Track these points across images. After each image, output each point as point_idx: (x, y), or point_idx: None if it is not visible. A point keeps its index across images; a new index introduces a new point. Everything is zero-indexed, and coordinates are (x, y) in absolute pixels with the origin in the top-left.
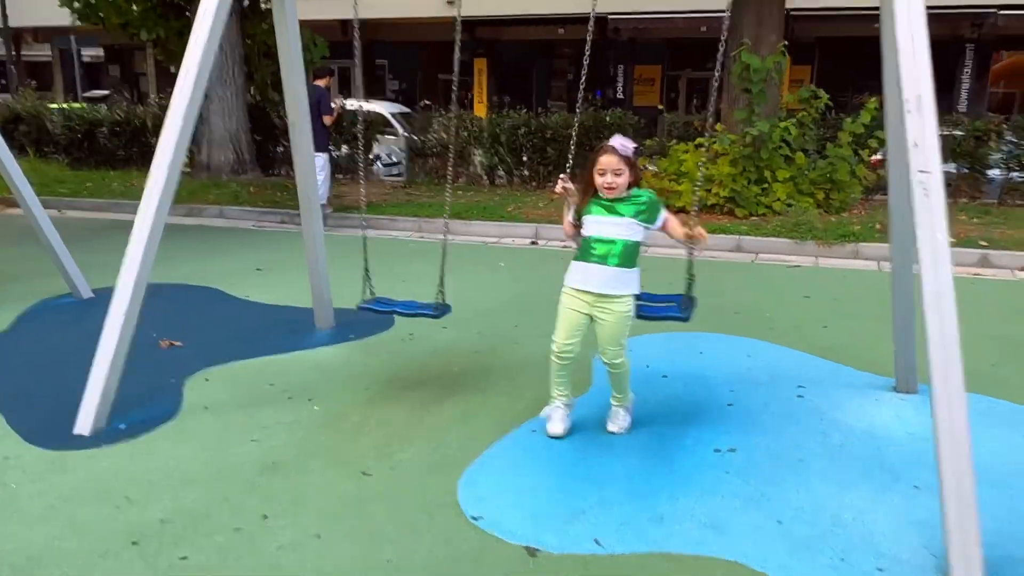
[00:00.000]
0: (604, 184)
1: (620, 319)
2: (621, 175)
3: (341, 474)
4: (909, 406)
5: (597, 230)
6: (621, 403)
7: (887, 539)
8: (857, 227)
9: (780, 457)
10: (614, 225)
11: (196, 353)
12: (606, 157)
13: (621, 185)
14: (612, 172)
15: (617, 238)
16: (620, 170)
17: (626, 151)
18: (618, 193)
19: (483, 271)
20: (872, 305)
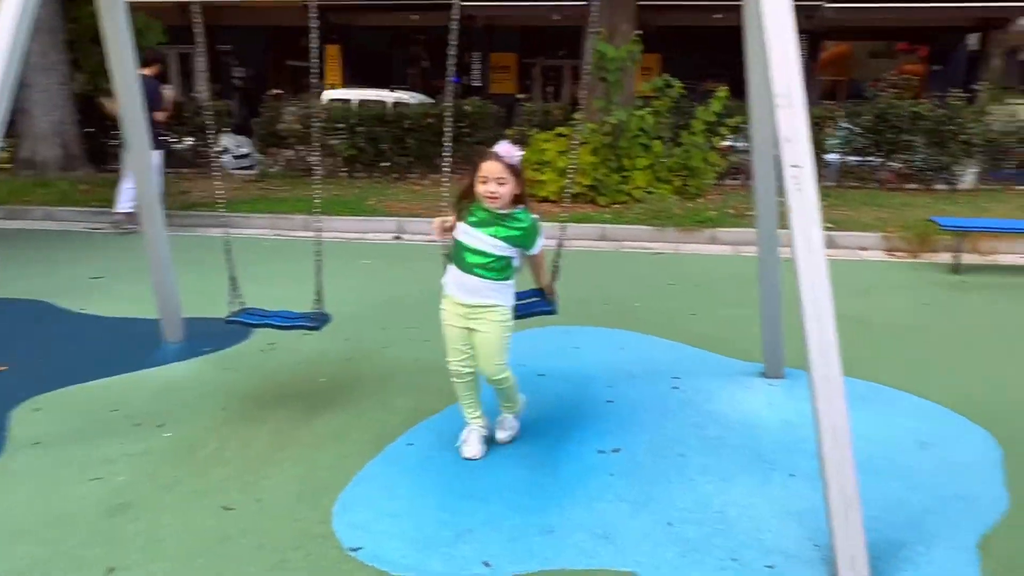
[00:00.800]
0: (486, 193)
1: (497, 330)
2: (505, 184)
3: (199, 510)
4: (779, 392)
5: (468, 240)
6: (511, 410)
7: (772, 533)
8: (713, 212)
9: (662, 454)
10: (485, 244)
11: (23, 378)
12: (489, 164)
13: (504, 195)
14: (495, 181)
15: (490, 252)
16: (504, 179)
17: (512, 159)
18: (500, 204)
19: (346, 270)
20: (733, 291)
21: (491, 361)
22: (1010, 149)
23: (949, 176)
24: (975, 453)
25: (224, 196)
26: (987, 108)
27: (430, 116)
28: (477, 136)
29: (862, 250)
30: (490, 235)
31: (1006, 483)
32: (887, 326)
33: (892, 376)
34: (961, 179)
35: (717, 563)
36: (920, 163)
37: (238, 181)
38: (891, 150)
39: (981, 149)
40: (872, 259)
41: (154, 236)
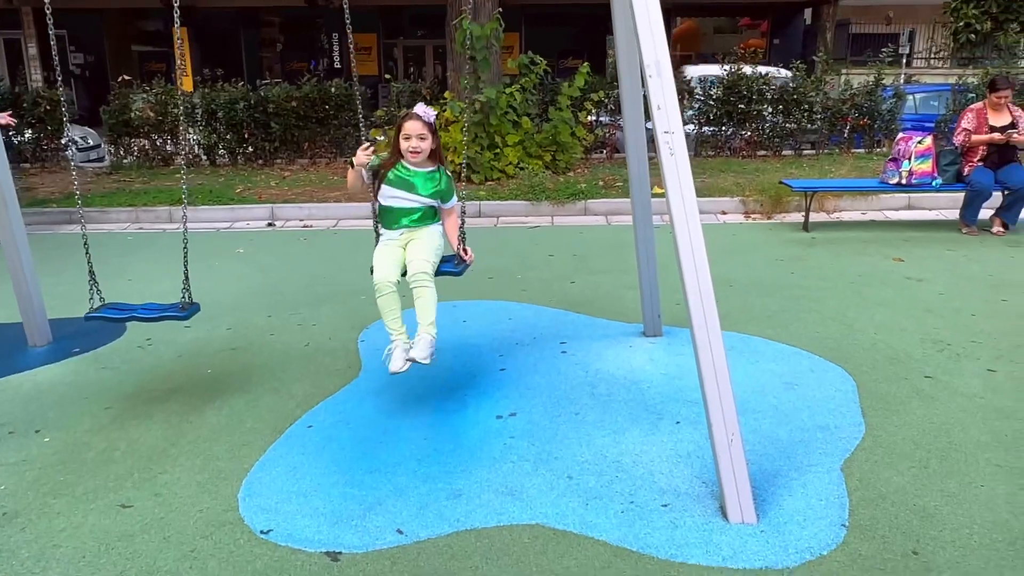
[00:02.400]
0: (409, 148)
1: (433, 236)
2: (425, 140)
3: (94, 512)
4: (659, 348)
5: (395, 202)
6: (429, 329)
7: (665, 475)
8: (583, 185)
9: (558, 414)
10: (411, 200)
11: None
12: (411, 123)
13: (425, 150)
14: (417, 137)
15: (415, 206)
16: (424, 135)
17: (428, 117)
18: (421, 158)
19: (221, 260)
20: (608, 258)
21: (423, 257)
22: (845, 116)
23: (795, 142)
24: (833, 388)
25: (74, 191)
26: (823, 78)
27: (293, 99)
28: (342, 118)
29: (722, 214)
30: (414, 194)
31: (862, 412)
32: (749, 282)
33: (757, 327)
34: (805, 144)
35: (617, 507)
36: (769, 131)
37: (89, 175)
38: (742, 119)
39: (821, 116)
40: (732, 222)
41: (11, 235)
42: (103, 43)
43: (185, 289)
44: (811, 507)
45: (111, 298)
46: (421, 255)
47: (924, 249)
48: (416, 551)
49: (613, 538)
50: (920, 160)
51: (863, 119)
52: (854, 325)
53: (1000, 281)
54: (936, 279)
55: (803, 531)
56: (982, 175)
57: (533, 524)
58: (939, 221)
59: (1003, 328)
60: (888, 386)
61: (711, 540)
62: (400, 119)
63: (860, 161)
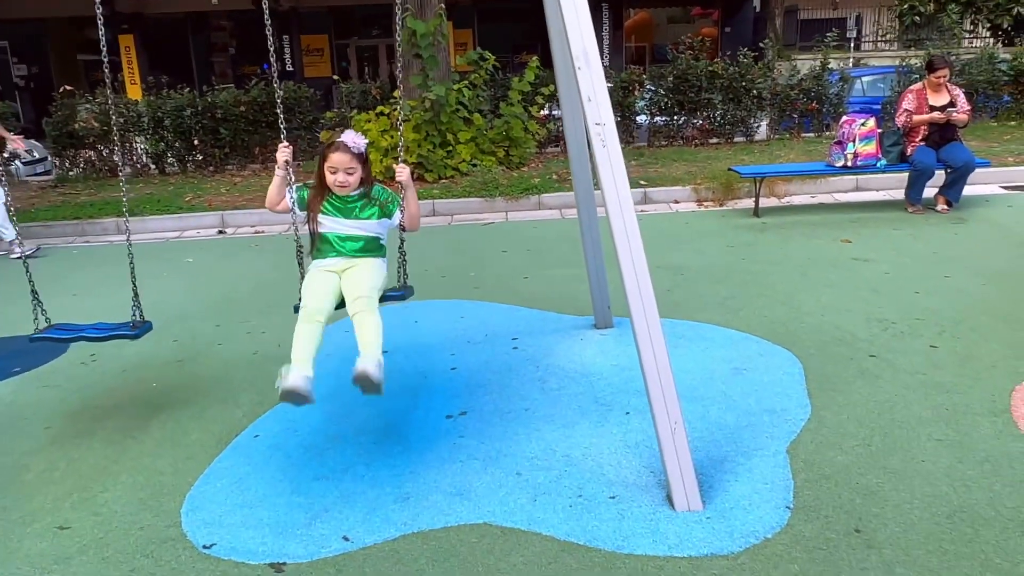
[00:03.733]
0: (336, 183)
1: (377, 267)
2: (353, 173)
3: (30, 535)
4: (610, 340)
5: (335, 228)
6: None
7: (613, 467)
8: (536, 179)
9: (508, 412)
10: (353, 227)
11: None
12: (338, 155)
13: (352, 183)
14: (344, 171)
15: (359, 234)
16: (352, 168)
17: (358, 148)
18: (350, 191)
19: (169, 270)
20: (562, 251)
21: (365, 284)
22: (794, 100)
23: (746, 129)
24: (781, 371)
25: (18, 205)
26: (773, 64)
27: (241, 104)
28: (294, 122)
29: (675, 203)
30: (356, 220)
31: (808, 394)
32: (701, 269)
33: (708, 314)
34: (756, 131)
35: (565, 502)
36: (720, 119)
37: (34, 188)
38: (693, 108)
39: (770, 102)
40: (684, 211)
41: None
42: (48, 53)
43: (135, 307)
44: (756, 491)
45: (56, 314)
46: (363, 282)
47: (871, 229)
48: (362, 557)
49: (561, 533)
50: (864, 142)
51: (811, 103)
52: (802, 308)
53: (943, 258)
54: (882, 259)
55: (748, 515)
56: (924, 155)
57: (481, 523)
58: (886, 201)
59: (945, 304)
60: (834, 367)
61: (657, 529)
62: (325, 148)
63: (810, 145)
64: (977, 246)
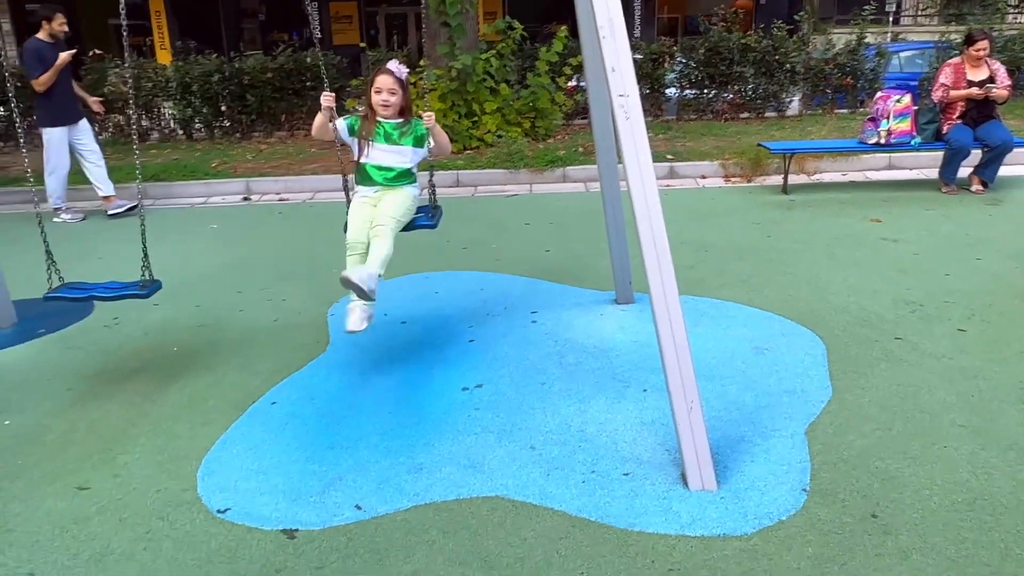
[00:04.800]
0: (380, 102)
1: (405, 197)
2: (395, 95)
3: (51, 495)
4: (630, 316)
5: (377, 158)
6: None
7: (628, 444)
8: (562, 152)
9: (525, 385)
10: (394, 154)
11: None
12: (382, 77)
13: (395, 104)
14: (387, 91)
15: (394, 166)
16: (394, 90)
17: (400, 73)
18: (391, 112)
19: (193, 236)
20: (585, 225)
21: (389, 213)
22: (829, 76)
23: (777, 104)
24: (803, 352)
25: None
26: (807, 38)
27: (268, 71)
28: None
29: (702, 178)
30: (397, 146)
31: (829, 375)
32: (725, 246)
33: (731, 292)
34: (788, 106)
35: (579, 477)
36: (751, 93)
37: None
38: (724, 82)
39: (804, 77)
40: (711, 186)
41: None
42: (79, 17)
43: (145, 267)
44: (772, 472)
45: (81, 278)
46: (388, 211)
47: (902, 209)
48: (374, 526)
49: (572, 508)
50: (899, 119)
51: (846, 79)
52: (827, 288)
53: (976, 240)
54: (912, 239)
55: (763, 497)
56: (961, 133)
57: (493, 496)
58: (920, 180)
59: (976, 287)
60: (858, 349)
61: (670, 508)
62: (372, 74)
63: (843, 121)
64: (1011, 228)
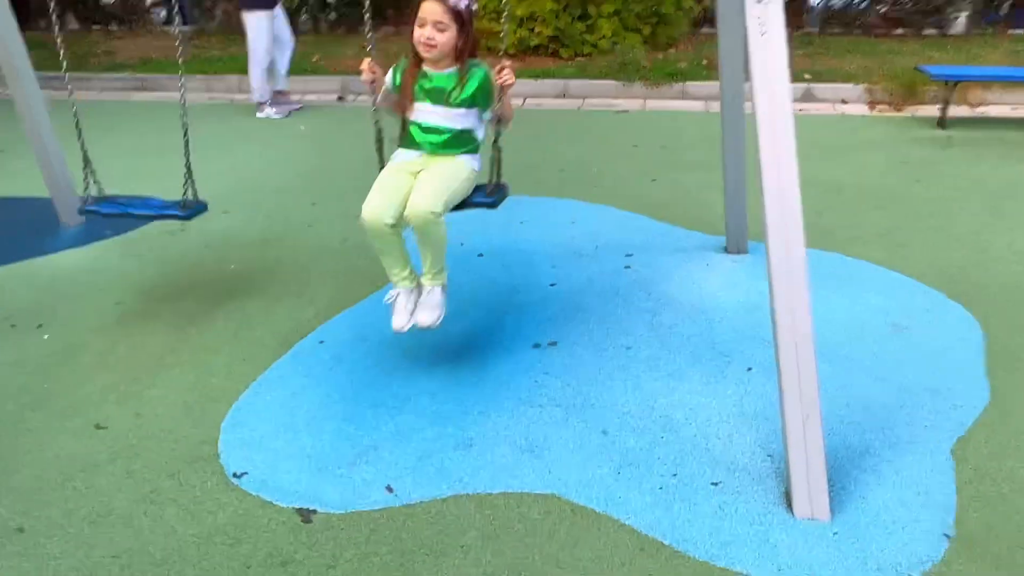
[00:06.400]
0: (423, 39)
1: (457, 168)
2: (445, 31)
3: (68, 431)
4: (740, 269)
5: (421, 115)
6: (437, 279)
7: (721, 441)
8: (684, 64)
9: (606, 348)
10: (441, 117)
11: None
12: (429, 4)
13: (443, 44)
14: (433, 25)
15: (443, 125)
16: (443, 24)
17: (456, 2)
18: (437, 54)
19: (280, 138)
20: (700, 151)
21: (432, 190)
22: None
23: (940, 20)
24: (953, 336)
25: (155, 55)
26: None
27: None
28: None
29: (842, 103)
30: (444, 107)
31: (987, 372)
32: (863, 190)
33: (865, 248)
34: (952, 23)
35: (655, 481)
36: (910, 6)
37: (169, 39)
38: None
39: None
40: (853, 113)
41: (25, 98)
42: None
43: (188, 183)
44: (904, 504)
45: (155, 175)
46: (431, 186)
47: None
48: (403, 517)
49: (643, 523)
50: None
51: None
52: (989, 252)
53: None
54: None
55: (889, 539)
56: None
57: (549, 494)
58: None
59: None
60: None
61: (767, 539)
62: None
63: (1018, 45)
64: None
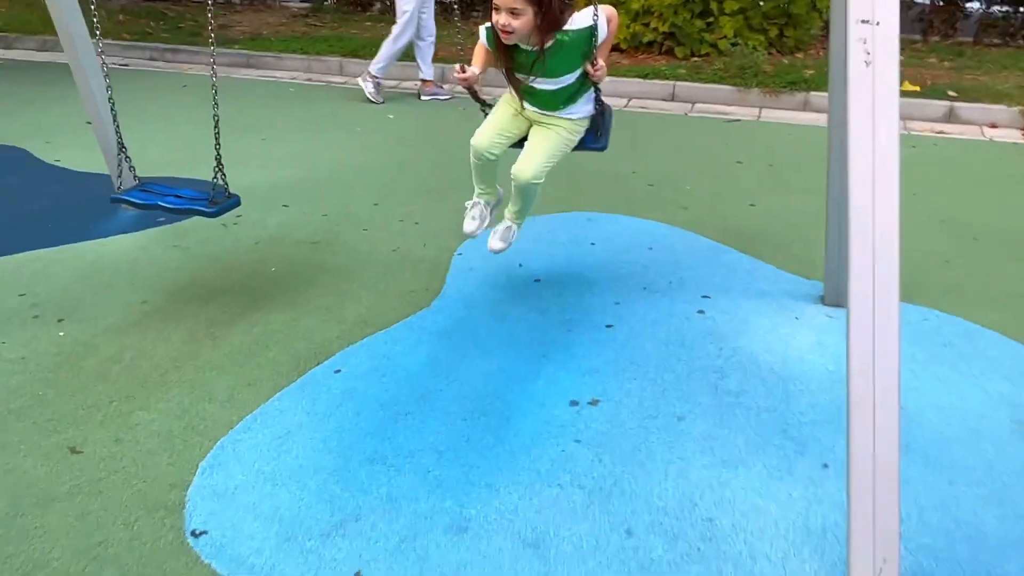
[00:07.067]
0: (499, 26)
1: (558, 141)
2: (520, 16)
3: (40, 450)
4: (836, 328)
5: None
6: (518, 219)
7: (772, 564)
8: (810, 72)
9: (655, 414)
10: (541, 82)
11: None
12: None
13: (519, 29)
14: (507, 11)
15: (546, 88)
16: (518, 9)
17: None
18: (516, 39)
19: (367, 126)
20: (813, 174)
21: (535, 164)
22: None
23: None
24: None
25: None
26: None
27: None
28: None
29: (991, 128)
30: (550, 78)
31: None
32: (1005, 236)
33: (998, 314)
34: None
35: None
36: None
37: (287, 15)
38: None
39: None
40: (1003, 140)
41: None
42: None
43: (218, 175)
44: None
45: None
46: (538, 155)
47: None
48: None
49: None
50: None
51: None
52: None
53: None
54: None
55: None
56: None
57: None
58: None
59: None
60: None
61: None
62: None
63: None
64: None
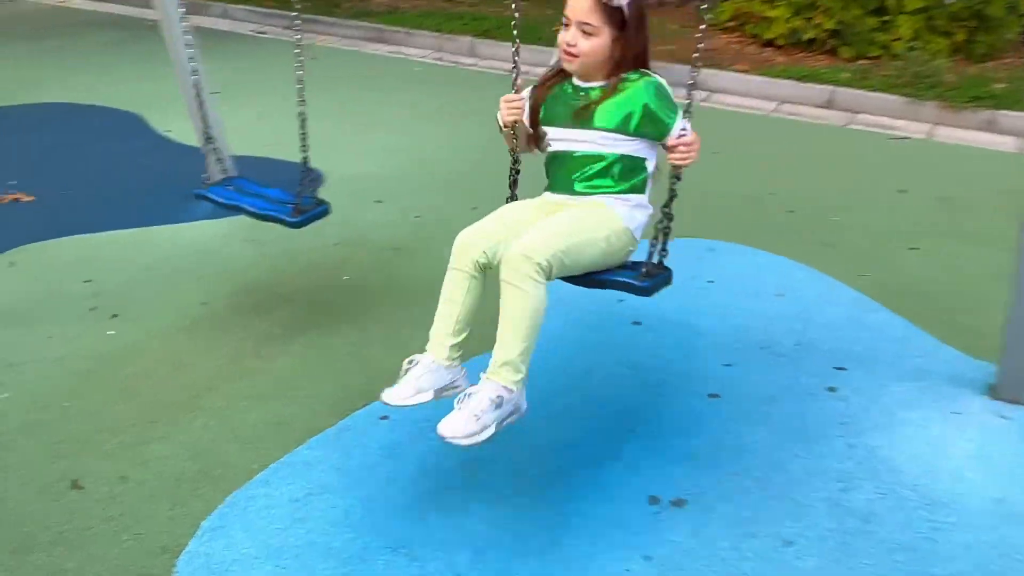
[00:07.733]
0: (563, 43)
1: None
2: (593, 36)
3: (39, 480)
4: (1010, 435)
5: (561, 145)
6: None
7: None
8: (1001, 85)
9: (755, 532)
10: (584, 141)
11: (41, 215)
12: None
13: (587, 54)
14: (578, 26)
15: (588, 152)
16: (591, 27)
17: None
18: (581, 66)
19: (482, 116)
20: (996, 216)
21: (538, 241)
22: None
23: None
24: None
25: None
26: None
27: None
28: None
29: None
30: (589, 130)
31: None
32: None
33: None
34: None
35: None
36: None
37: None
38: None
39: None
40: None
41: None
42: None
43: (305, 178)
44: None
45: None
46: (547, 231)
47: None
48: None
49: None
50: None
51: None
52: None
53: None
54: None
55: None
56: None
57: None
58: None
59: None
60: None
61: None
62: None
63: None
64: None
